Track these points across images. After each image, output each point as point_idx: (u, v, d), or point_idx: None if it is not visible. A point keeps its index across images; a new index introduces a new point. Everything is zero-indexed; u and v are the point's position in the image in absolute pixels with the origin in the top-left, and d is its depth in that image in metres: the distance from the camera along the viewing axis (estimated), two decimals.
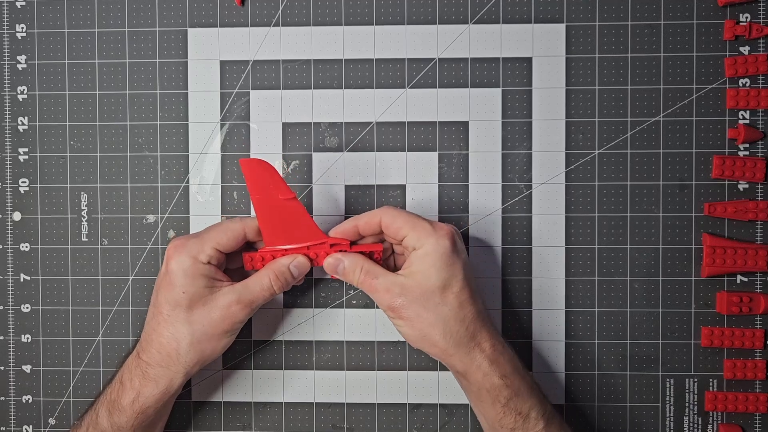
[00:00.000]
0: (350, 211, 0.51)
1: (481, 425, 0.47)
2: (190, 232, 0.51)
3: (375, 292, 0.44)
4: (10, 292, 0.52)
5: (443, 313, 0.43)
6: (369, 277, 0.44)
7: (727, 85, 0.50)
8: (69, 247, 0.52)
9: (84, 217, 0.52)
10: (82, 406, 0.52)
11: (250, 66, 0.51)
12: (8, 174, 0.52)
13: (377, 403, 0.51)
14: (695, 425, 0.50)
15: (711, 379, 0.50)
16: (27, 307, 0.52)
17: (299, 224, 0.45)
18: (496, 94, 0.51)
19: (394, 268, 0.48)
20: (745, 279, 0.50)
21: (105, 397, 0.45)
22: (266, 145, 0.51)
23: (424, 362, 0.51)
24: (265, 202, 0.44)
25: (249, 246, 0.47)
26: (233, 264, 0.48)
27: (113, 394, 0.45)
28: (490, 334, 0.44)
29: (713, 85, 0.50)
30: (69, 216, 0.52)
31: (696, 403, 0.50)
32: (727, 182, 0.50)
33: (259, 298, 0.45)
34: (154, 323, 0.45)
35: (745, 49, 0.50)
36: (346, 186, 0.51)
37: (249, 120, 0.51)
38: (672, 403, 0.50)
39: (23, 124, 0.52)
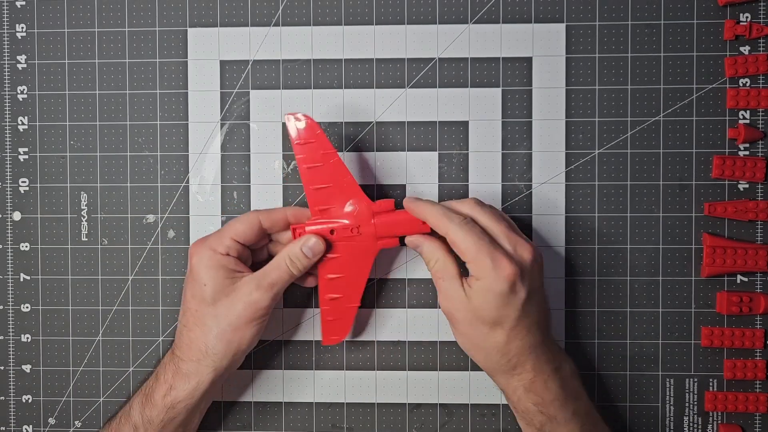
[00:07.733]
0: None
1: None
2: (190, 232, 0.51)
3: (439, 291, 0.45)
4: (10, 292, 0.52)
5: (488, 344, 0.44)
6: (438, 275, 0.45)
7: (727, 85, 0.50)
8: (69, 246, 0.52)
9: (84, 217, 0.52)
10: (82, 406, 0.52)
11: (250, 66, 0.51)
12: (8, 174, 0.52)
13: (377, 403, 0.51)
14: (695, 425, 0.50)
15: (711, 379, 0.50)
16: (27, 307, 0.52)
17: (341, 183, 0.46)
18: (496, 93, 0.51)
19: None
20: (745, 279, 0.50)
21: (141, 391, 0.47)
22: (266, 145, 0.51)
23: (424, 362, 0.51)
24: (308, 160, 0.46)
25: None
26: (259, 257, 0.49)
27: (148, 388, 0.46)
28: (536, 365, 0.44)
29: (713, 85, 0.50)
30: (69, 216, 0.52)
31: (696, 403, 0.50)
32: (727, 182, 0.50)
33: (278, 281, 0.45)
34: (185, 320, 0.46)
35: (745, 49, 0.50)
36: None
37: (249, 120, 0.51)
38: (672, 403, 0.50)
39: (23, 124, 0.52)
